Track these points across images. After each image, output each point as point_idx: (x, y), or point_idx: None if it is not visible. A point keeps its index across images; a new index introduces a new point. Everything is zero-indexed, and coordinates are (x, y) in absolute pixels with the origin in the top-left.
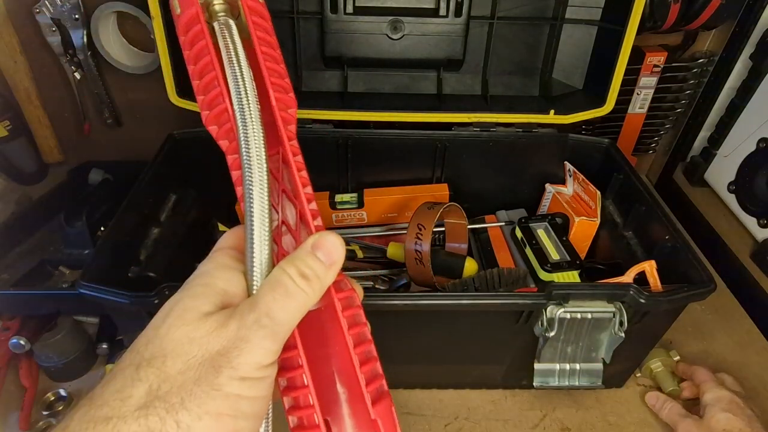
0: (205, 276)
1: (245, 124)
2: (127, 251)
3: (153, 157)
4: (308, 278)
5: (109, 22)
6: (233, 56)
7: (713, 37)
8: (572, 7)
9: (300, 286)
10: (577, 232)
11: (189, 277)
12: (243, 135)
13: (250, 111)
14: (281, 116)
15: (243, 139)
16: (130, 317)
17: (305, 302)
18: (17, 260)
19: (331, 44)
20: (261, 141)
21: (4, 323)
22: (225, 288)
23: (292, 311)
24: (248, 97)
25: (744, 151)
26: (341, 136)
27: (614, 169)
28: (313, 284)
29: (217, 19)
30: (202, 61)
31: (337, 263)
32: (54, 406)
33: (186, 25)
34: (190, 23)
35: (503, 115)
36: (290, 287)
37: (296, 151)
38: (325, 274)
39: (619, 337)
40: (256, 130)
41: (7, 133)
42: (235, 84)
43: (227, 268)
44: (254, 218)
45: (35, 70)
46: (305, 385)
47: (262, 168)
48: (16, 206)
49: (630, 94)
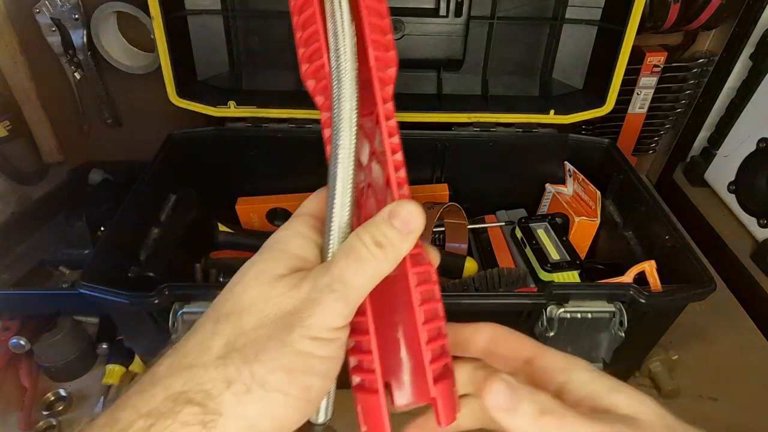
0: (280, 242)
1: (339, 83)
2: (127, 251)
3: (153, 157)
4: (383, 246)
5: (109, 22)
6: (336, 10)
7: (713, 37)
8: (572, 7)
9: (374, 254)
10: (577, 232)
11: (266, 241)
12: (336, 93)
13: (345, 69)
14: (378, 76)
15: (336, 97)
16: (130, 317)
17: (379, 270)
18: (17, 260)
19: None
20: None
21: (4, 323)
22: (299, 254)
23: (365, 278)
24: (345, 54)
25: (744, 151)
26: None
27: (614, 169)
28: (388, 252)
29: None
30: (306, 12)
31: (414, 232)
32: (54, 406)
33: None
34: None
35: (503, 115)
36: (364, 254)
37: (390, 115)
38: (401, 242)
39: (619, 337)
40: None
41: (7, 133)
42: (334, 40)
43: (302, 236)
44: (338, 181)
45: (35, 70)
46: (370, 351)
47: (351, 130)
48: (16, 206)
49: (630, 94)
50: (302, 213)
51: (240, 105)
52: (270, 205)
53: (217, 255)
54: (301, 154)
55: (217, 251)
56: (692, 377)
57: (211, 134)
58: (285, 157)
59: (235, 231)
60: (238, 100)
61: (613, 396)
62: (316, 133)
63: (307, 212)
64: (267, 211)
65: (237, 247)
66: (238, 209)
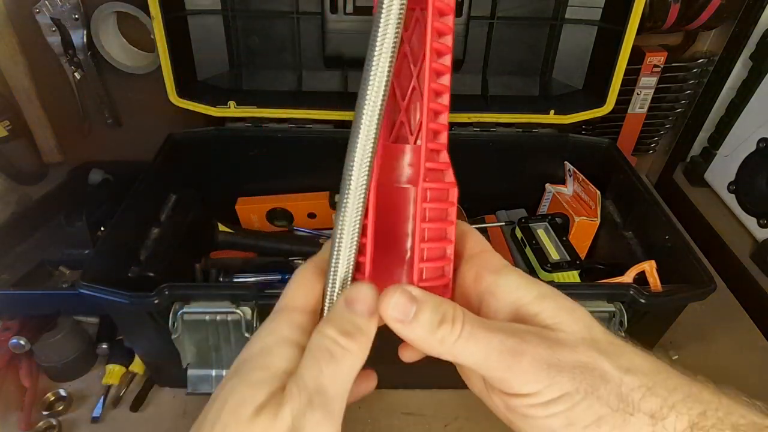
0: (264, 355)
1: None
2: (127, 251)
3: (153, 157)
4: (352, 335)
5: (109, 22)
6: None
7: (713, 37)
8: (572, 7)
9: (345, 347)
10: (577, 232)
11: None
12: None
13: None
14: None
15: None
16: (130, 317)
17: (354, 363)
18: (17, 260)
19: (332, 44)
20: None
21: (4, 323)
22: (283, 368)
23: (342, 378)
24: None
25: (744, 151)
26: (341, 136)
27: (614, 169)
28: (359, 340)
29: None
30: None
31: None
32: (54, 406)
33: None
34: None
35: (503, 115)
36: (335, 351)
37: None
38: (367, 325)
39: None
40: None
41: (7, 133)
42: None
43: (287, 344)
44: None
45: (35, 70)
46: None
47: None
48: (16, 206)
49: (630, 94)
50: (287, 307)
51: (240, 105)
52: (270, 205)
53: (217, 255)
54: (301, 154)
55: (217, 251)
56: None
57: (211, 134)
58: (285, 157)
59: (235, 231)
60: (238, 100)
61: (540, 304)
62: (316, 133)
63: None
64: (267, 211)
65: (237, 247)
66: (238, 209)
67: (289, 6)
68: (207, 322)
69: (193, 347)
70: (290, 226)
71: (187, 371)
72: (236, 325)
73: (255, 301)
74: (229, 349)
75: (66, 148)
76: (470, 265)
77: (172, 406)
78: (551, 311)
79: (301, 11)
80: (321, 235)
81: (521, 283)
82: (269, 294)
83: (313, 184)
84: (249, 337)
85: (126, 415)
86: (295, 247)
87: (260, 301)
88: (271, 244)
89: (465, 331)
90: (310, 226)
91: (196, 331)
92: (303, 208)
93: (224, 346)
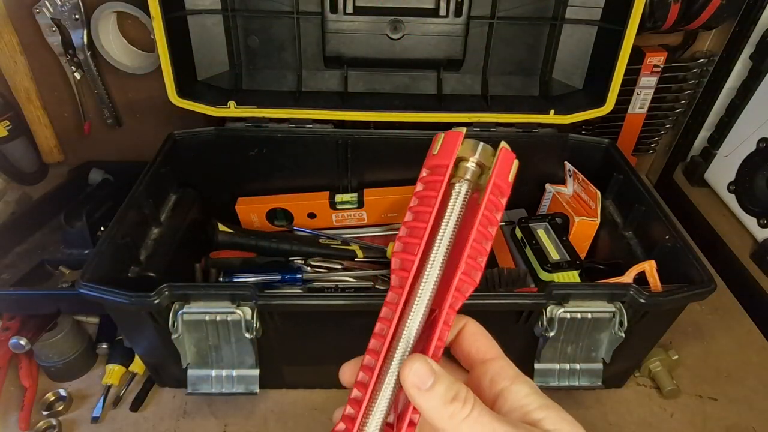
0: None
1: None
2: (127, 251)
3: (153, 157)
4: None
5: (109, 22)
6: (445, 229)
7: (713, 37)
8: (572, 7)
9: None
10: (577, 232)
11: None
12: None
13: (425, 290)
14: (453, 295)
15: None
16: (130, 317)
17: None
18: (17, 260)
19: (331, 44)
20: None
21: (4, 323)
22: None
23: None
24: (431, 276)
25: (744, 151)
26: (341, 136)
27: (614, 169)
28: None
29: (460, 179)
30: (424, 204)
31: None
32: (54, 406)
33: (432, 168)
34: (436, 169)
35: (503, 115)
36: None
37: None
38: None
39: (619, 337)
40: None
41: (7, 133)
42: (432, 254)
43: None
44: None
45: (35, 70)
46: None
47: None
48: (16, 206)
49: (630, 94)
50: None
51: (240, 105)
52: (270, 205)
53: (217, 255)
54: (301, 154)
55: (217, 251)
56: (692, 377)
57: (211, 134)
58: (285, 157)
59: (235, 231)
60: (238, 100)
61: (545, 411)
62: (316, 133)
63: None
64: (267, 211)
65: (237, 247)
66: (238, 209)
67: (289, 6)
68: (207, 322)
69: (192, 347)
70: (290, 226)
71: (187, 371)
72: (236, 325)
73: (255, 301)
74: (229, 349)
75: (66, 148)
76: (485, 370)
77: (172, 406)
78: (554, 419)
79: (301, 11)
80: (321, 235)
81: (531, 392)
82: (269, 294)
83: (313, 184)
84: (249, 337)
85: (126, 415)
86: (295, 247)
87: (260, 301)
88: (271, 244)
89: (475, 412)
90: (310, 226)
91: (195, 331)
92: (303, 208)
93: (224, 346)
